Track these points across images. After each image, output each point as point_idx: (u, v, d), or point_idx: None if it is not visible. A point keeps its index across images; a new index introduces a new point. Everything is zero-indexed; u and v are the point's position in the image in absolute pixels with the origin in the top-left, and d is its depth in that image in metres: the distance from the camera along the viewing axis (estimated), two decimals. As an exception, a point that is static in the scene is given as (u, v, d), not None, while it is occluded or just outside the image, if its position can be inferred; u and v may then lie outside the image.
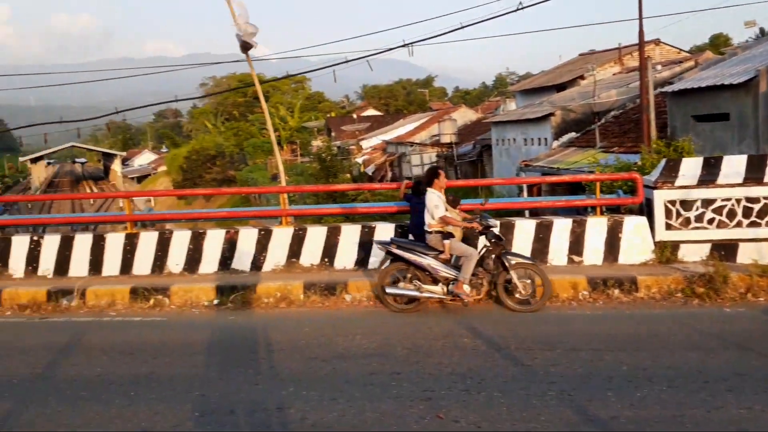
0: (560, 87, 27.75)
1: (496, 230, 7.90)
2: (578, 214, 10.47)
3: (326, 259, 9.71)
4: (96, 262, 9.98)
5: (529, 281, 7.73)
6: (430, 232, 7.80)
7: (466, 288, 7.58)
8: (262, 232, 9.90)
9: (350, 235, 9.71)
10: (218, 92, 68.97)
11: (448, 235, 7.75)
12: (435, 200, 7.74)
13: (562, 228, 9.32)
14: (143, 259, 9.95)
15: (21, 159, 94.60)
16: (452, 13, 13.66)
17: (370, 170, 41.11)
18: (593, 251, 9.25)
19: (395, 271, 7.98)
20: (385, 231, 9.63)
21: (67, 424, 4.80)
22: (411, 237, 9.27)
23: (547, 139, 23.29)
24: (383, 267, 8.25)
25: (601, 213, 9.54)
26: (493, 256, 7.75)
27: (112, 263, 9.97)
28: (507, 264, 7.70)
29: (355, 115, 62.87)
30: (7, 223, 12.20)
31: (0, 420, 4.92)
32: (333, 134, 54.99)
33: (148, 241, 10.01)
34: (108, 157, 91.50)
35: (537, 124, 24.09)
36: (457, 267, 7.72)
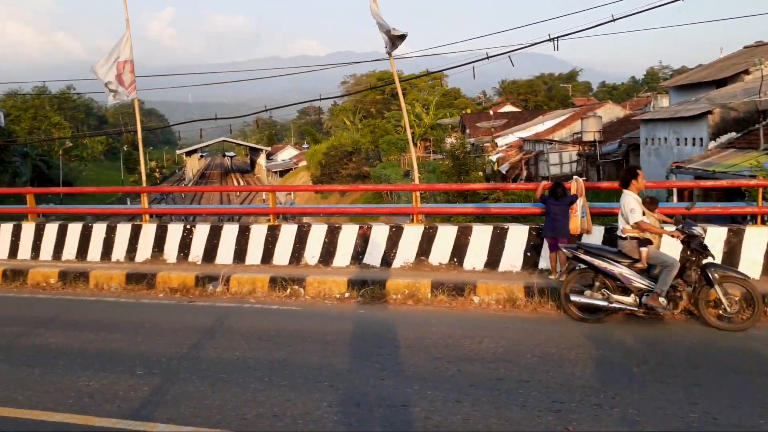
0: (720, 83, 25.51)
1: (702, 239, 7.16)
2: (734, 222, 9.55)
3: (455, 259, 9.63)
4: (240, 252, 10.63)
5: (736, 297, 7.03)
6: (624, 238, 7.28)
7: (662, 300, 6.98)
8: (394, 229, 10.02)
9: (481, 235, 9.56)
10: (358, 91, 70.93)
11: (645, 242, 7.17)
12: (631, 203, 7.18)
13: (715, 237, 8.55)
14: (283, 250, 10.45)
15: (178, 152, 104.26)
16: (602, 5, 12.89)
17: (504, 168, 40.33)
18: (750, 264, 8.40)
19: (580, 278, 7.52)
20: (518, 233, 9.39)
21: (207, 403, 5.14)
22: (546, 241, 8.95)
23: (703, 139, 21.54)
24: (567, 273, 7.73)
25: (762, 222, 8.65)
26: (697, 267, 7.09)
27: (254, 253, 10.56)
28: (712, 277, 7.01)
29: (491, 112, 61.98)
30: (163, 212, 13.35)
31: (149, 394, 5.38)
32: (467, 131, 54.59)
33: (288, 233, 10.49)
34: (254, 152, 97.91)
35: (692, 122, 22.34)
36: (653, 277, 7.13)
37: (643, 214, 7.25)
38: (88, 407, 5.08)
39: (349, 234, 10.20)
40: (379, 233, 10.06)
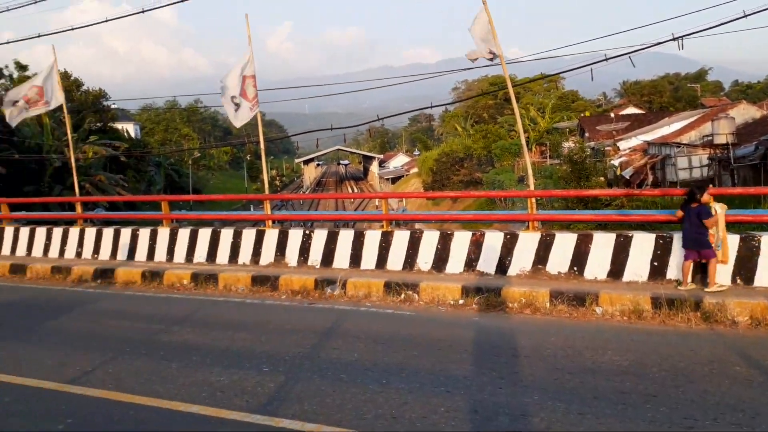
0: None
1: None
2: None
3: (575, 268, 9.31)
4: (356, 256, 10.89)
5: None
6: None
7: None
8: (508, 236, 9.86)
9: (603, 243, 9.18)
10: (470, 98, 70.63)
11: None
12: None
13: None
14: (396, 256, 10.59)
15: (296, 160, 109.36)
16: (732, 0, 11.95)
17: (627, 173, 38.47)
18: None
19: None
20: (643, 241, 8.93)
21: (328, 402, 5.30)
22: (684, 250, 8.43)
23: None
24: None
25: None
26: None
27: (369, 258, 10.79)
28: None
29: (612, 114, 59.36)
30: (284, 218, 13.94)
31: (275, 389, 5.64)
32: (586, 134, 52.65)
33: (400, 239, 10.62)
34: (367, 160, 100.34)
35: (840, 120, 20.26)
36: None
37: None
38: (220, 401, 5.41)
39: (461, 240, 10.15)
40: (493, 240, 9.93)
